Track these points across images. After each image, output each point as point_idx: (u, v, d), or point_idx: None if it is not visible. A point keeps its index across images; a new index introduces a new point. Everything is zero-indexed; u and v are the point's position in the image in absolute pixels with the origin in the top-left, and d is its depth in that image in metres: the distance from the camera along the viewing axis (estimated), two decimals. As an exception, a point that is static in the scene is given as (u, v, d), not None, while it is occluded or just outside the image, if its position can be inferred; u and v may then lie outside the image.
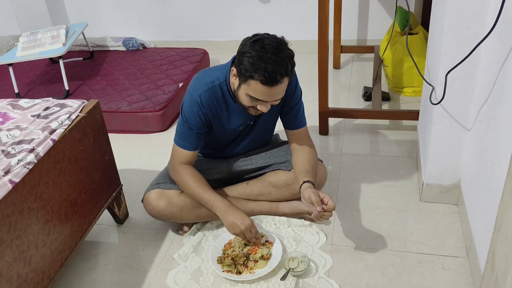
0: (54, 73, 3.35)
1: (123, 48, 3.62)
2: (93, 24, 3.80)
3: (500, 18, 1.35)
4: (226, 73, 1.73)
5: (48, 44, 3.00)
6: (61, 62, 2.96)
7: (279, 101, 1.68)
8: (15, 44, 3.19)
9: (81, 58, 3.51)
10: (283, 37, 1.61)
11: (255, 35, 1.60)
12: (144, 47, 3.63)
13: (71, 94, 3.00)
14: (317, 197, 1.62)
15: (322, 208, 1.60)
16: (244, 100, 1.65)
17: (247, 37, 1.61)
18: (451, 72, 1.63)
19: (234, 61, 1.68)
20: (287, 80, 1.61)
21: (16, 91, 3.00)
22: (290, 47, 1.61)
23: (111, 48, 3.65)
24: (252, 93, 1.60)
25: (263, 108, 1.66)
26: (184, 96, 1.79)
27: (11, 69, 2.96)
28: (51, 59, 3.46)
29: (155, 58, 3.42)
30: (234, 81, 1.67)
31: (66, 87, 2.99)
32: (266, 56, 1.53)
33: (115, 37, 3.69)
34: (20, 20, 3.76)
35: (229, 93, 1.75)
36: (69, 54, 3.03)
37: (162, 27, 3.96)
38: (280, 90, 1.60)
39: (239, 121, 1.83)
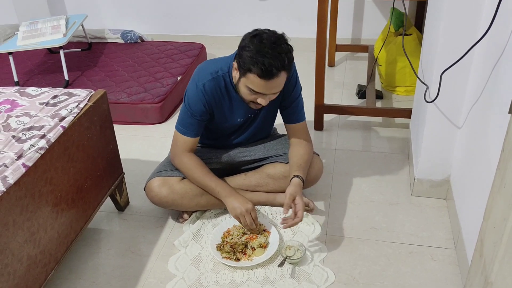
0: (52, 63, 3.38)
1: (121, 41, 3.66)
2: (91, 16, 3.82)
3: (494, 21, 1.44)
4: (229, 64, 1.80)
5: (49, 34, 3.03)
6: (61, 52, 2.99)
7: (277, 94, 1.74)
8: (15, 33, 3.22)
9: (79, 49, 3.54)
10: (283, 33, 1.68)
11: (255, 30, 1.67)
12: (142, 40, 3.67)
13: (70, 85, 3.03)
14: (290, 202, 1.74)
15: (285, 218, 1.77)
16: (244, 93, 1.73)
17: (248, 32, 1.68)
18: (445, 72, 1.72)
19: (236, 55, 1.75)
20: (285, 74, 1.68)
21: (16, 79, 3.02)
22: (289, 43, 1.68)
23: (109, 40, 3.69)
24: (250, 86, 1.67)
25: (262, 101, 1.72)
26: (188, 84, 1.85)
27: (11, 58, 2.99)
28: (49, 49, 3.49)
29: (153, 51, 3.46)
30: (235, 75, 1.74)
31: (66, 77, 3.02)
32: (264, 50, 1.60)
33: (113, 29, 3.73)
34: (18, 10, 3.77)
35: (231, 84, 1.82)
36: (67, 44, 3.07)
37: (160, 21, 4.00)
38: (277, 84, 1.67)
39: (240, 113, 1.90)
